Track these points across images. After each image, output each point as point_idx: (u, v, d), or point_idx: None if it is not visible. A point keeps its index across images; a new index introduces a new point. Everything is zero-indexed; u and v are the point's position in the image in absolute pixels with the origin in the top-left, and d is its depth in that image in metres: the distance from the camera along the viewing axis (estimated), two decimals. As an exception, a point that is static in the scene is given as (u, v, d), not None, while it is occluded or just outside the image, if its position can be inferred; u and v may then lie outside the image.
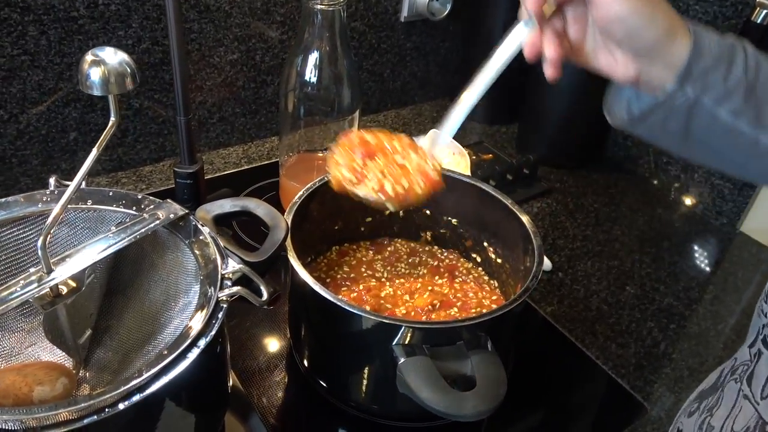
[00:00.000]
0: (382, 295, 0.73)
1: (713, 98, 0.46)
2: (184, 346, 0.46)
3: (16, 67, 0.81)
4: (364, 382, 0.66)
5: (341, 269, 0.77)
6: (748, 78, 0.46)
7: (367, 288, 0.74)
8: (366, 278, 0.76)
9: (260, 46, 1.00)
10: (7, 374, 0.47)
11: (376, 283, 0.75)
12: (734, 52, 0.47)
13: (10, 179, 0.89)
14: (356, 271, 0.77)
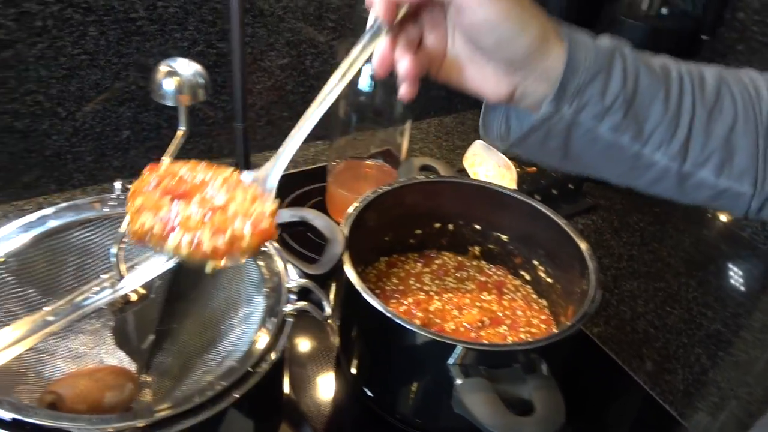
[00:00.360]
0: (431, 309, 0.73)
1: (591, 115, 0.43)
2: (255, 360, 0.47)
3: (75, 66, 0.82)
4: (411, 396, 0.66)
5: (390, 281, 0.77)
6: (626, 90, 0.43)
7: (416, 301, 0.74)
8: (415, 291, 0.76)
9: (310, 51, 1.00)
10: (80, 379, 0.47)
11: (425, 297, 0.75)
12: (612, 62, 0.43)
13: (64, 175, 0.90)
14: (405, 283, 0.77)
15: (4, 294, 0.53)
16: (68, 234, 0.57)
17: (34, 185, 0.89)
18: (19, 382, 0.50)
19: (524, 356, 0.58)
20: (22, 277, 0.54)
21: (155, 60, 0.87)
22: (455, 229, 0.80)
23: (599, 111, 0.43)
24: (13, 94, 0.80)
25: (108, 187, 0.93)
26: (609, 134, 0.44)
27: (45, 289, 0.56)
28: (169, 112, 0.93)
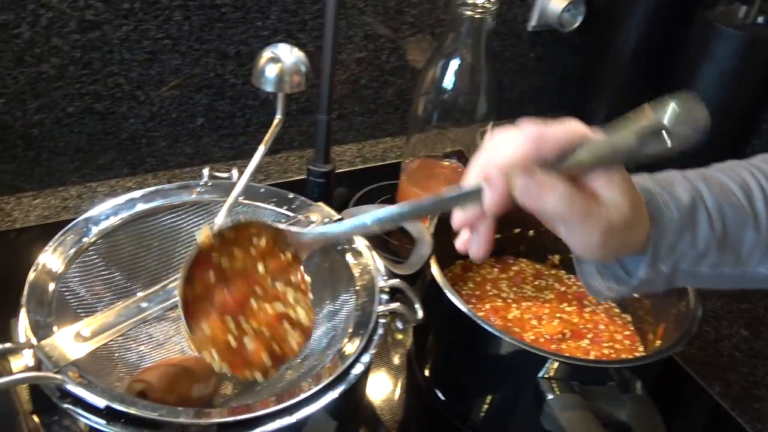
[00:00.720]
0: (509, 317, 0.71)
1: (688, 264, 0.45)
2: (349, 361, 0.45)
3: (158, 51, 0.82)
4: (488, 404, 0.64)
5: (466, 285, 0.74)
6: (716, 232, 0.45)
7: (494, 308, 0.71)
8: (491, 297, 0.73)
9: (387, 46, 0.98)
10: (171, 370, 0.46)
11: (502, 304, 0.72)
12: (695, 213, 0.44)
13: (137, 159, 0.90)
14: (481, 288, 0.74)
15: (92, 275, 0.52)
16: (155, 218, 0.56)
17: (108, 167, 0.89)
18: (105, 368, 0.49)
19: (621, 374, 0.55)
20: (109, 260, 0.54)
21: (235, 48, 0.87)
22: (535, 235, 0.77)
23: (694, 258, 0.45)
24: (96, 76, 0.80)
25: (178, 173, 0.93)
26: (709, 270, 0.46)
27: (130, 273, 0.55)
28: (244, 101, 0.92)
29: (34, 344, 0.42)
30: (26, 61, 0.76)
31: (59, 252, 0.49)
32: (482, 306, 0.71)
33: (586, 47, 1.16)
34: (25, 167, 0.83)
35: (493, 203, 0.39)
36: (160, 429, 0.40)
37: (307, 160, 0.80)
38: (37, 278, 0.47)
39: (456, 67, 0.78)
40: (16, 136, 0.80)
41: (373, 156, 1.04)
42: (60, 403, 0.41)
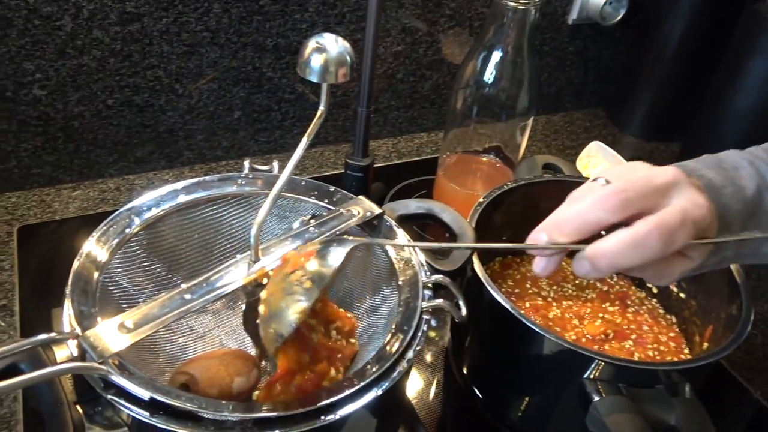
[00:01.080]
0: (550, 316, 0.69)
1: (750, 247, 0.48)
2: (393, 359, 0.44)
3: (196, 43, 0.82)
4: (527, 404, 0.63)
5: (505, 282, 0.73)
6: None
7: (534, 307, 0.69)
8: (532, 295, 0.71)
9: (425, 39, 0.97)
10: (212, 363, 0.46)
11: (543, 303, 0.71)
12: (761, 202, 0.46)
13: (174, 152, 0.90)
14: (521, 286, 0.73)
15: (134, 267, 0.52)
16: (196, 210, 0.56)
17: (146, 160, 0.89)
18: (146, 359, 0.49)
19: (670, 377, 0.53)
20: (151, 251, 0.53)
21: (273, 41, 0.86)
22: (577, 232, 0.75)
23: (759, 241, 0.47)
24: (136, 68, 0.80)
25: (215, 167, 0.93)
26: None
27: (170, 264, 0.55)
28: (281, 95, 0.91)
29: (79, 334, 0.42)
30: (68, 54, 0.76)
31: (102, 242, 0.49)
32: (522, 304, 0.70)
33: (627, 41, 1.13)
34: (66, 159, 0.84)
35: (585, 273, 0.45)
36: (199, 421, 0.40)
37: (345, 154, 0.79)
38: (82, 267, 0.47)
39: (497, 59, 0.77)
40: (58, 128, 0.81)
41: (408, 151, 1.03)
42: (104, 394, 0.40)
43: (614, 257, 0.43)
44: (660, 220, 0.42)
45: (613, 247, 0.43)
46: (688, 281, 0.69)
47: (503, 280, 0.73)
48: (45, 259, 0.76)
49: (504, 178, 0.85)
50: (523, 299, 0.70)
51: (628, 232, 0.42)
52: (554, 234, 0.45)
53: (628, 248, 0.42)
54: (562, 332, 0.67)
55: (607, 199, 0.43)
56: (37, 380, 0.38)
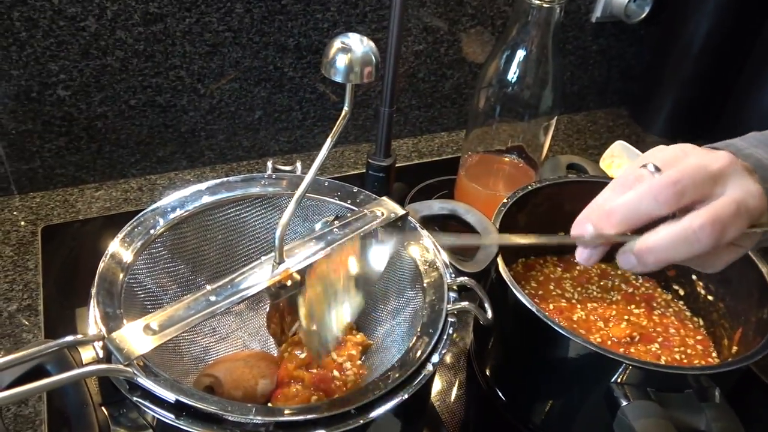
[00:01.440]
0: (575, 318, 0.68)
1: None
2: (419, 363, 0.43)
3: (218, 43, 0.82)
4: (551, 407, 0.62)
5: (528, 284, 0.72)
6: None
7: (558, 309, 0.69)
8: (555, 297, 0.70)
9: (446, 38, 0.96)
10: (237, 365, 0.46)
11: (567, 305, 0.70)
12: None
13: (196, 152, 0.90)
14: (544, 288, 0.72)
15: (159, 267, 0.52)
16: (220, 211, 0.55)
17: (168, 160, 0.90)
18: (170, 361, 0.49)
19: (699, 381, 0.52)
20: (175, 252, 0.53)
21: (294, 40, 0.86)
22: (602, 234, 0.74)
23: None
24: (159, 68, 0.81)
25: (236, 167, 0.93)
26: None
27: (194, 266, 0.55)
28: (302, 95, 0.91)
29: (105, 336, 0.42)
30: (92, 54, 0.77)
31: (127, 243, 0.49)
32: (546, 306, 0.69)
33: (652, 39, 1.12)
34: (89, 159, 0.85)
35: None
36: (225, 424, 0.40)
37: (365, 153, 0.79)
38: (107, 269, 0.47)
39: (521, 58, 0.76)
40: (81, 128, 0.82)
41: (429, 151, 1.03)
42: (130, 396, 0.40)
43: (663, 252, 0.41)
44: (714, 214, 0.40)
45: (662, 243, 0.41)
46: (716, 283, 0.67)
47: (526, 282, 0.72)
48: (68, 259, 0.76)
49: (526, 179, 0.84)
50: (547, 301, 0.70)
51: (679, 227, 0.40)
52: (601, 224, 0.43)
53: (679, 243, 0.40)
54: (587, 335, 0.66)
55: (660, 191, 0.41)
56: (64, 382, 0.39)
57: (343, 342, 0.55)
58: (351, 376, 0.51)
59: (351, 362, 0.53)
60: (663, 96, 1.12)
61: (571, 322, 0.67)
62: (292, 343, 0.53)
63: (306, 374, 0.50)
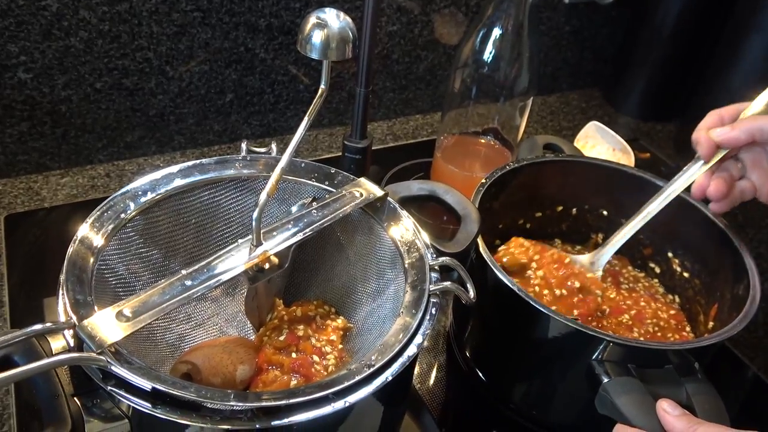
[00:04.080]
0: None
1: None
2: (402, 344, 0.43)
3: (187, 24, 0.80)
4: (532, 386, 0.62)
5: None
6: None
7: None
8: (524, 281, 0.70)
9: (420, 19, 0.95)
10: (215, 351, 0.44)
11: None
12: None
13: (165, 136, 0.88)
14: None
15: (131, 252, 0.50)
16: (193, 194, 0.54)
17: (136, 145, 0.87)
18: (144, 348, 0.48)
19: (680, 357, 0.52)
20: (147, 237, 0.52)
21: (266, 21, 0.84)
22: (578, 213, 0.75)
23: None
24: (125, 50, 0.78)
25: (207, 151, 0.91)
26: None
27: (168, 250, 0.53)
28: (275, 77, 0.89)
29: (75, 324, 0.40)
30: (54, 35, 0.74)
31: (97, 227, 0.47)
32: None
33: (624, 21, 1.12)
34: (53, 145, 0.82)
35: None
36: (203, 411, 0.39)
37: (340, 137, 0.78)
38: (76, 254, 0.45)
39: (497, 37, 0.75)
40: (44, 112, 0.79)
41: (404, 133, 1.02)
42: (104, 386, 0.39)
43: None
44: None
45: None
46: (692, 260, 0.68)
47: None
48: (34, 248, 0.74)
49: (503, 160, 0.84)
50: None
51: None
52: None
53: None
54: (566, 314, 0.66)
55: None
56: (33, 372, 0.37)
57: (323, 326, 0.54)
58: (332, 360, 0.51)
59: (331, 346, 0.52)
60: (635, 77, 1.13)
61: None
62: (270, 328, 0.52)
63: (285, 359, 0.49)
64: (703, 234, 0.65)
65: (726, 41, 0.97)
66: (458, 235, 0.55)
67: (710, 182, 0.57)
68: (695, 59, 1.06)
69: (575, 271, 0.64)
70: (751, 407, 0.71)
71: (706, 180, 0.58)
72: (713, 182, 0.57)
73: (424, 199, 0.60)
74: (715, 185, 0.57)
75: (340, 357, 0.51)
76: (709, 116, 0.59)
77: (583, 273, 0.65)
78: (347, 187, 0.53)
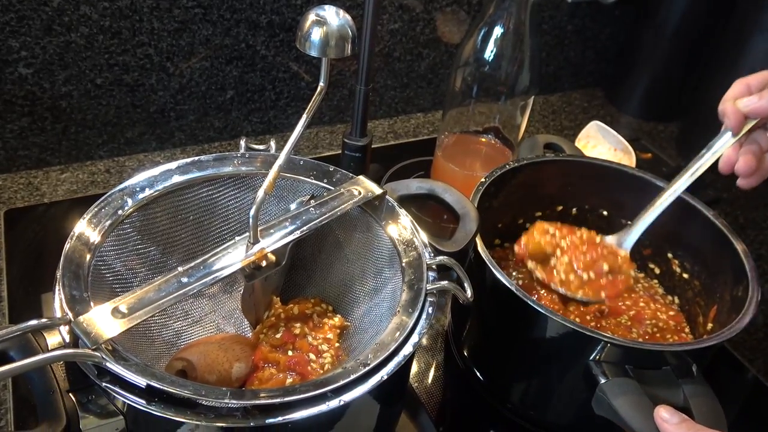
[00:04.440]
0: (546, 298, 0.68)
1: None
2: (398, 343, 0.43)
3: (188, 20, 0.79)
4: (530, 387, 0.62)
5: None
6: None
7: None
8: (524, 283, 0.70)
9: (422, 17, 0.95)
10: (211, 348, 0.44)
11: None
12: None
13: (165, 133, 0.88)
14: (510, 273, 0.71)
15: (128, 249, 0.50)
16: (191, 191, 0.54)
17: (137, 141, 0.87)
18: (141, 345, 0.48)
19: (678, 358, 0.52)
20: (144, 234, 0.52)
21: (267, 17, 0.84)
22: (578, 213, 0.74)
23: None
24: (125, 46, 0.78)
25: (207, 148, 0.91)
26: None
27: (165, 247, 0.53)
28: (275, 74, 0.89)
29: (71, 320, 0.40)
30: (55, 30, 0.74)
31: (94, 224, 0.47)
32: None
33: (627, 20, 1.12)
34: (53, 140, 0.82)
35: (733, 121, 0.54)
36: (198, 408, 0.39)
37: (340, 135, 0.77)
38: (73, 250, 0.45)
39: (498, 36, 0.75)
40: (44, 108, 0.79)
41: (405, 132, 1.01)
42: (98, 382, 0.39)
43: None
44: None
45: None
46: (692, 262, 0.68)
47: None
48: (33, 244, 0.74)
49: (503, 159, 0.83)
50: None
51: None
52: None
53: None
54: (564, 314, 0.66)
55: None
56: (28, 368, 0.37)
57: (320, 324, 0.54)
58: (328, 358, 0.51)
59: (328, 345, 0.52)
60: (637, 77, 1.12)
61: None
62: (267, 326, 0.52)
63: (282, 357, 0.49)
64: (703, 235, 0.65)
65: (729, 41, 0.97)
66: (457, 234, 0.55)
67: (738, 156, 0.55)
68: (698, 59, 1.06)
69: (603, 253, 0.63)
70: (750, 410, 0.70)
71: (734, 154, 0.55)
72: (742, 157, 0.54)
73: (424, 198, 0.60)
74: (744, 161, 0.54)
75: (336, 355, 0.51)
76: (735, 85, 0.56)
77: (612, 254, 0.63)
78: (346, 185, 0.53)
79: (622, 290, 0.62)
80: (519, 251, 0.64)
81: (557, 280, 0.62)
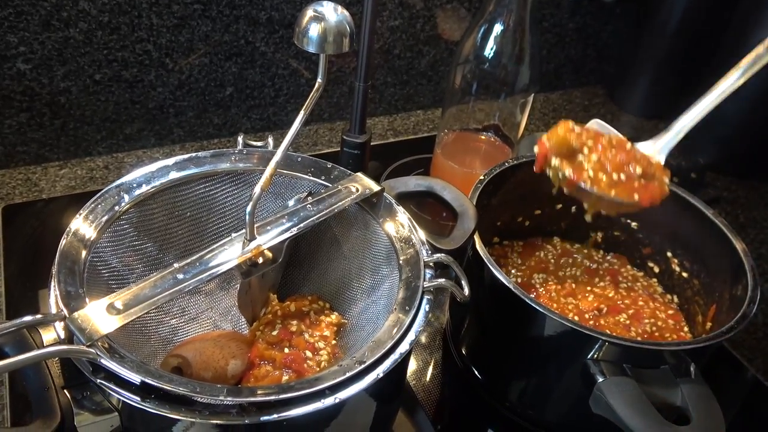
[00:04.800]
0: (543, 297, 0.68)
1: None
2: (395, 340, 0.42)
3: (187, 16, 0.79)
4: (528, 385, 0.62)
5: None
6: None
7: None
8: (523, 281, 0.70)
9: (423, 14, 0.94)
10: (207, 345, 0.44)
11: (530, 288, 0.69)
12: None
13: (164, 129, 0.87)
14: (507, 272, 0.71)
15: (125, 245, 0.50)
16: (188, 187, 0.53)
17: (135, 137, 0.87)
18: (136, 342, 0.47)
19: (676, 357, 0.52)
20: (141, 230, 0.51)
21: (266, 14, 0.84)
22: (578, 212, 0.74)
23: None
24: (125, 42, 0.78)
25: (206, 144, 0.91)
26: None
27: (161, 243, 0.53)
28: (275, 70, 0.89)
29: (66, 316, 0.40)
30: (53, 26, 0.74)
31: (91, 220, 0.47)
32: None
33: (628, 18, 1.11)
34: (52, 136, 0.81)
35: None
36: (193, 405, 0.38)
37: (340, 131, 0.77)
38: (69, 246, 0.45)
39: (498, 33, 0.74)
40: (43, 103, 0.78)
41: (404, 129, 1.01)
42: (93, 378, 0.39)
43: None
44: None
45: None
46: (691, 260, 0.67)
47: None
48: (31, 239, 0.74)
49: (503, 157, 0.83)
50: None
51: None
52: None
53: None
54: (562, 312, 0.66)
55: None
56: (23, 364, 0.37)
57: (316, 322, 0.53)
58: (324, 356, 0.50)
59: (325, 342, 0.51)
60: (639, 75, 1.12)
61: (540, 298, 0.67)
62: (264, 323, 0.52)
63: (278, 354, 0.49)
64: (703, 234, 0.64)
65: (730, 39, 0.97)
66: (455, 232, 0.55)
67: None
68: (699, 57, 1.05)
69: (636, 156, 0.58)
70: (749, 410, 0.70)
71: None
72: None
73: (422, 195, 0.60)
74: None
75: (333, 353, 0.50)
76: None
77: (645, 158, 0.58)
78: (343, 182, 0.53)
79: (657, 197, 0.56)
80: (540, 148, 0.58)
81: (586, 177, 0.57)
